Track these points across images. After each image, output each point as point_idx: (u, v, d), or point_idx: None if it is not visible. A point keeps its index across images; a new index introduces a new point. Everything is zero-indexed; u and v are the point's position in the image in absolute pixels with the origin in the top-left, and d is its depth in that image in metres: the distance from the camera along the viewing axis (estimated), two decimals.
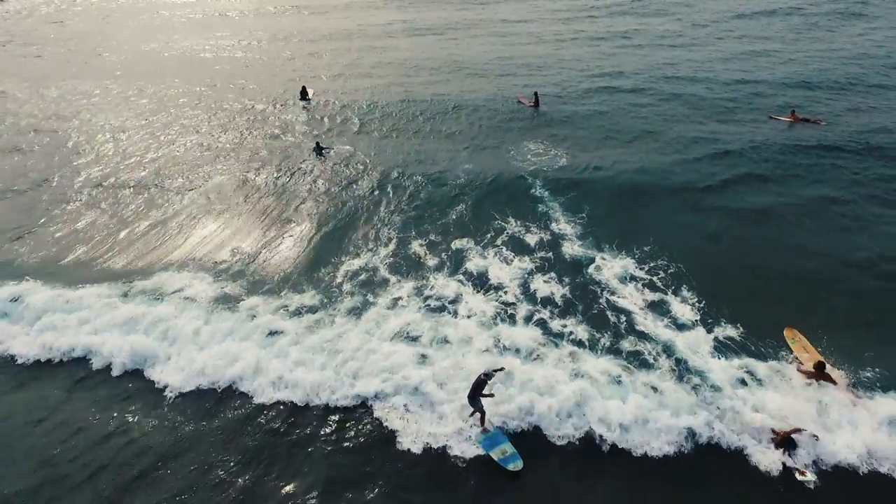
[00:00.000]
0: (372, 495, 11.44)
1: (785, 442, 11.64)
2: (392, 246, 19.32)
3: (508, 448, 11.79)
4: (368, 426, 12.92)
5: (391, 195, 23.01)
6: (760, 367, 13.37)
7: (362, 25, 58.45)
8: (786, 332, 14.31)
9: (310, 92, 35.60)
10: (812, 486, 11.10)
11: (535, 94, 32.01)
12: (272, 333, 15.46)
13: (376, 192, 23.31)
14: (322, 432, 12.86)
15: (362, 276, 17.77)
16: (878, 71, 35.70)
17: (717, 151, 24.89)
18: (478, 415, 12.31)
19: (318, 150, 27.44)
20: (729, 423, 12.10)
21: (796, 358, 13.58)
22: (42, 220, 22.76)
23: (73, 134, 31.82)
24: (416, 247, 19.18)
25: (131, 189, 24.83)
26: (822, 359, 13.12)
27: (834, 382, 12.74)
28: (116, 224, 22.16)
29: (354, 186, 23.97)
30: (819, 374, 12.80)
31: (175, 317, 16.18)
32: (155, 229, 21.57)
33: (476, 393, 12.10)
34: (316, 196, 23.44)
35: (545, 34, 50.26)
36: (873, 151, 24.44)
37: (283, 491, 11.67)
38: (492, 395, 12.37)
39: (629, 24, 52.60)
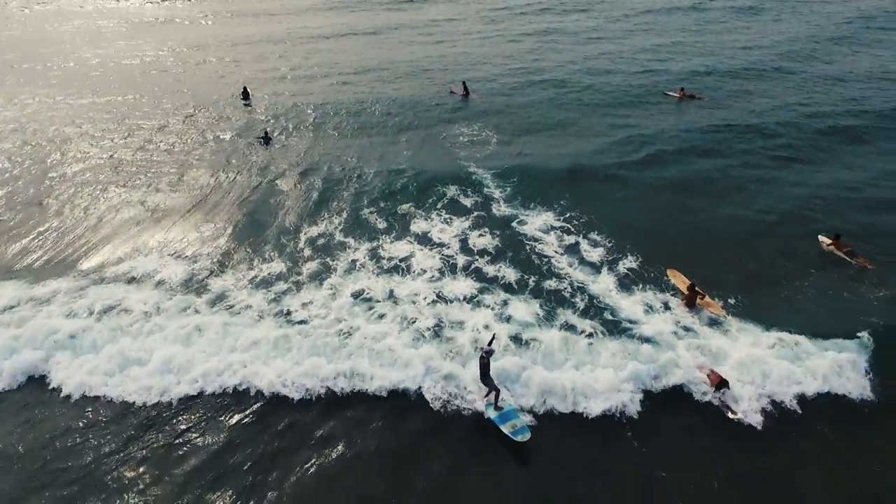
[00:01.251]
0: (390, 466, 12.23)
1: (719, 385, 13.21)
2: (345, 216, 21.60)
3: (518, 422, 12.54)
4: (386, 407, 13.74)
5: (339, 174, 25.31)
6: (654, 300, 16.41)
7: (296, 29, 59.52)
8: (668, 272, 17.54)
9: (251, 92, 37.04)
10: (742, 422, 12.78)
11: (464, 83, 35.06)
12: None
13: (324, 173, 25.48)
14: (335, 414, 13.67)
15: (321, 243, 19.90)
16: (765, 59, 40.80)
17: (629, 132, 28.65)
18: (493, 394, 12.95)
19: (266, 138, 29.25)
20: (670, 373, 13.72)
21: (677, 289, 16.78)
22: None
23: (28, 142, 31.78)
24: (367, 215, 21.58)
25: (87, 191, 25.11)
26: (692, 283, 16.31)
27: (706, 304, 15.89)
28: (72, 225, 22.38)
29: (303, 168, 26.05)
30: (691, 294, 15.99)
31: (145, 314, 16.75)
32: (116, 224, 22.28)
33: (485, 373, 12.78)
34: (268, 178, 25.31)
35: (472, 32, 53.43)
36: (757, 128, 28.72)
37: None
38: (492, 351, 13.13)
39: (549, 21, 56.56)
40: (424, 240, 19.81)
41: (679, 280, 17.05)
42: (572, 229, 19.97)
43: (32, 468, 12.46)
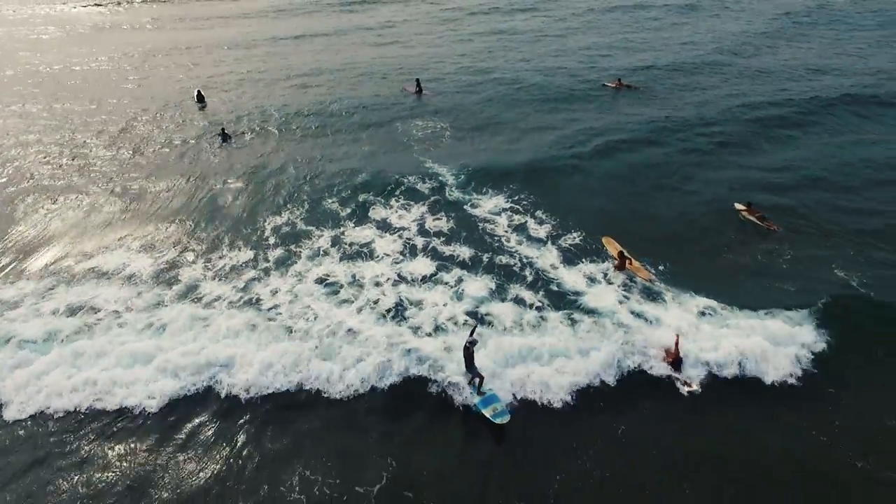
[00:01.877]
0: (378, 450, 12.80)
1: (675, 361, 14.25)
2: (307, 207, 22.70)
3: (499, 406, 13.26)
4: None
5: (298, 169, 26.41)
6: (595, 271, 18.09)
7: (248, 33, 59.60)
8: (603, 239, 19.48)
9: (205, 95, 37.37)
10: (696, 393, 13.85)
11: (417, 80, 36.53)
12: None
13: (283, 168, 26.56)
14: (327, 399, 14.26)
15: (285, 231, 21.00)
16: (700, 54, 43.48)
17: (576, 125, 30.52)
18: (476, 380, 13.64)
19: (224, 136, 30.04)
20: (633, 351, 14.82)
21: (611, 257, 18.64)
22: None
23: None
24: (329, 205, 22.73)
25: (48, 195, 25.22)
26: (622, 250, 18.21)
27: (635, 269, 17.75)
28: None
29: (262, 164, 27.11)
30: (621, 260, 17.88)
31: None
32: (80, 225, 22.72)
33: (470, 362, 13.50)
34: (228, 173, 26.26)
35: (424, 33, 54.86)
36: (693, 118, 30.91)
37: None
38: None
39: (498, 21, 58.50)
40: (384, 225, 21.10)
41: (612, 247, 18.96)
42: (521, 210, 21.70)
43: None
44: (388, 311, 16.70)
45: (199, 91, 37.55)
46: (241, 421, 13.60)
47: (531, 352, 14.85)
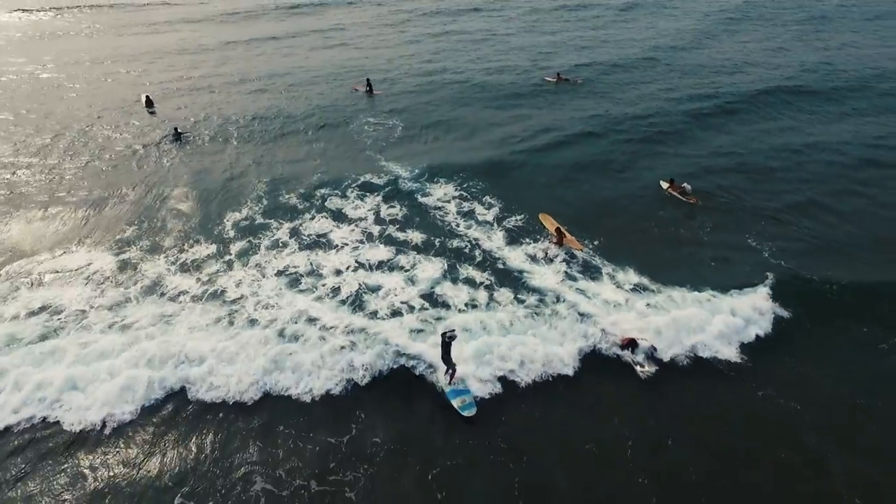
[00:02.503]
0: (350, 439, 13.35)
1: (629, 345, 15.10)
2: (265, 202, 23.61)
3: (468, 398, 13.94)
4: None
5: (253, 166, 27.42)
6: (537, 249, 19.76)
7: (195, 39, 59.38)
8: (539, 216, 21.36)
9: (153, 100, 37.47)
10: (650, 375, 14.71)
11: (368, 80, 37.79)
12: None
13: (239, 166, 27.53)
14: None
15: (245, 225, 21.91)
16: (639, 52, 46.12)
17: (522, 121, 32.30)
18: (450, 372, 14.28)
19: (177, 135, 30.63)
20: (591, 337, 15.70)
21: (550, 234, 20.39)
22: None
23: None
24: (286, 199, 23.72)
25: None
26: (559, 226, 20.01)
27: (569, 241, 19.59)
28: None
29: (217, 162, 28.02)
30: (559, 235, 19.68)
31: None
32: (39, 230, 23.10)
33: (446, 353, 14.05)
34: (184, 172, 27.03)
35: (374, 35, 56.02)
36: (632, 112, 33.03)
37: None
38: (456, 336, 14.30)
39: (446, 23, 60.13)
40: (340, 216, 22.27)
41: (549, 223, 20.80)
42: (469, 197, 23.29)
43: None
44: (348, 297, 17.74)
45: (147, 96, 37.66)
46: (211, 422, 13.89)
47: (497, 344, 15.60)
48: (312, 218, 22.24)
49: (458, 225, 21.36)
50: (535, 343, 15.60)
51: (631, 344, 15.12)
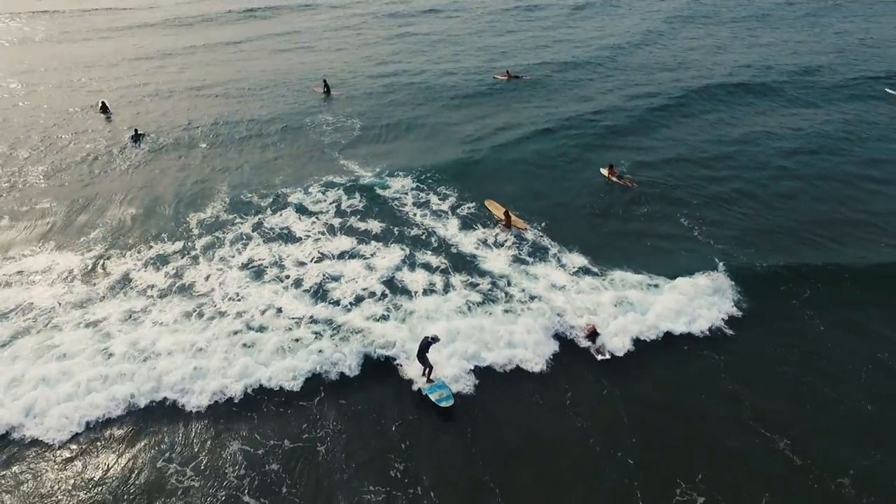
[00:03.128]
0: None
1: (592, 334, 16.36)
2: (228, 200, 24.60)
3: (445, 392, 14.78)
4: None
5: (214, 166, 28.51)
6: (488, 234, 21.38)
7: (148, 46, 59.03)
8: (486, 202, 23.12)
9: (109, 106, 37.74)
10: (608, 360, 15.82)
11: (325, 81, 38.95)
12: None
13: (200, 165, 28.59)
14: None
15: (209, 223, 22.86)
16: (590, 51, 48.27)
17: (478, 119, 33.97)
18: (427, 370, 15.11)
19: (136, 137, 31.35)
20: (559, 326, 16.76)
21: (499, 219, 22.04)
22: None
23: None
24: (249, 197, 24.75)
25: None
26: (506, 209, 21.72)
27: (516, 223, 21.32)
28: None
29: (178, 162, 29.04)
30: (507, 218, 21.39)
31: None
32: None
33: (423, 353, 14.90)
34: (145, 172, 28.00)
35: (331, 38, 57.02)
36: (582, 109, 34.90)
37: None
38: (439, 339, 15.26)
39: (402, 25, 61.57)
40: (303, 210, 23.43)
41: (495, 208, 22.60)
42: (426, 188, 24.80)
43: None
44: (312, 287, 18.87)
45: (103, 102, 37.91)
46: (189, 424, 14.34)
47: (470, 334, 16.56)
48: (275, 213, 23.32)
49: (415, 215, 22.82)
50: (503, 334, 16.46)
51: (593, 333, 16.33)
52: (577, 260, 19.77)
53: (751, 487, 12.29)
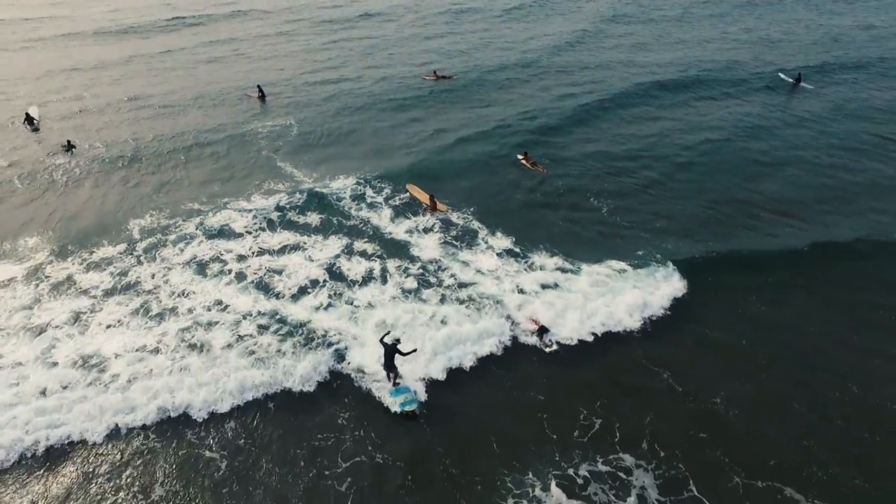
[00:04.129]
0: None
1: (540, 330, 17.45)
2: (169, 209, 25.62)
3: (409, 395, 15.43)
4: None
5: (150, 173, 29.55)
6: (419, 221, 23.51)
7: (78, 57, 58.39)
8: (407, 186, 25.64)
9: (34, 117, 37.50)
10: (555, 353, 17.04)
11: (259, 87, 40.20)
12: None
13: (135, 173, 29.58)
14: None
15: (150, 227, 24.00)
16: (525, 52, 50.71)
17: (413, 123, 35.84)
18: (392, 375, 15.71)
19: (68, 147, 32.03)
20: (507, 328, 17.79)
21: (424, 204, 24.33)
22: None
23: None
24: (189, 203, 25.90)
25: None
26: (431, 194, 24.10)
27: (440, 210, 23.66)
28: None
29: (113, 170, 29.91)
30: (433, 203, 23.80)
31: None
32: None
33: (390, 359, 15.42)
34: (78, 182, 28.70)
35: (266, 45, 57.74)
36: (512, 109, 37.06)
37: None
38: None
39: (336, 31, 62.73)
40: (242, 210, 24.86)
41: (417, 193, 25.04)
42: (363, 183, 26.70)
43: None
44: (255, 280, 20.40)
45: (27, 113, 37.63)
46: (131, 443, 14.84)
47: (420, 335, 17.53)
48: (215, 214, 24.61)
49: (350, 207, 24.71)
50: (452, 334, 17.41)
51: (541, 330, 17.51)
52: (503, 243, 21.98)
53: (638, 413, 14.88)
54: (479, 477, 13.59)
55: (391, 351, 15.37)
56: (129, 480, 13.84)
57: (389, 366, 15.58)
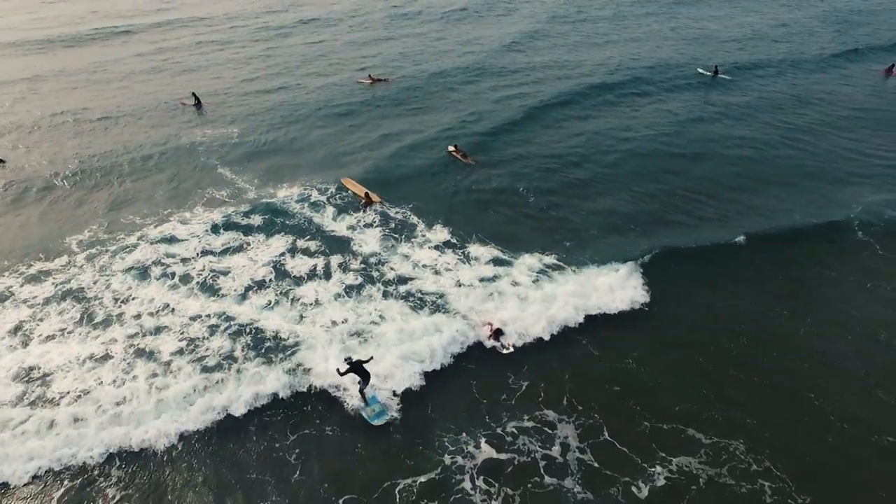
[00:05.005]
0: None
1: (496, 333, 18.31)
2: (107, 219, 26.32)
3: (378, 407, 16.06)
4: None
5: (87, 185, 30.09)
6: (360, 217, 24.99)
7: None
8: (342, 181, 27.49)
9: None
10: (512, 354, 17.95)
11: (194, 94, 40.74)
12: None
13: (70, 185, 30.09)
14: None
15: (90, 240, 24.61)
16: (472, 54, 52.21)
17: (353, 130, 36.79)
18: (360, 384, 16.18)
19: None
20: (467, 333, 18.62)
21: (360, 198, 25.97)
22: None
23: None
24: (129, 215, 26.63)
25: None
26: (367, 190, 25.84)
27: (375, 200, 25.40)
28: None
29: (47, 184, 30.23)
30: (368, 197, 25.58)
31: None
32: None
33: (363, 375, 15.90)
34: (10, 196, 29.06)
35: (200, 55, 57.85)
36: (455, 112, 38.65)
37: None
38: (371, 358, 16.46)
39: (272, 40, 63.06)
40: (184, 218, 25.73)
41: (354, 187, 26.78)
42: (306, 185, 27.96)
43: None
44: (200, 282, 21.42)
45: None
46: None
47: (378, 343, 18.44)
48: (157, 225, 25.31)
49: (293, 207, 25.95)
50: (408, 345, 18.13)
51: (496, 333, 18.34)
52: (440, 236, 23.65)
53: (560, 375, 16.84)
54: (420, 440, 15.24)
55: (358, 367, 15.82)
56: None
57: (365, 381, 16.06)
